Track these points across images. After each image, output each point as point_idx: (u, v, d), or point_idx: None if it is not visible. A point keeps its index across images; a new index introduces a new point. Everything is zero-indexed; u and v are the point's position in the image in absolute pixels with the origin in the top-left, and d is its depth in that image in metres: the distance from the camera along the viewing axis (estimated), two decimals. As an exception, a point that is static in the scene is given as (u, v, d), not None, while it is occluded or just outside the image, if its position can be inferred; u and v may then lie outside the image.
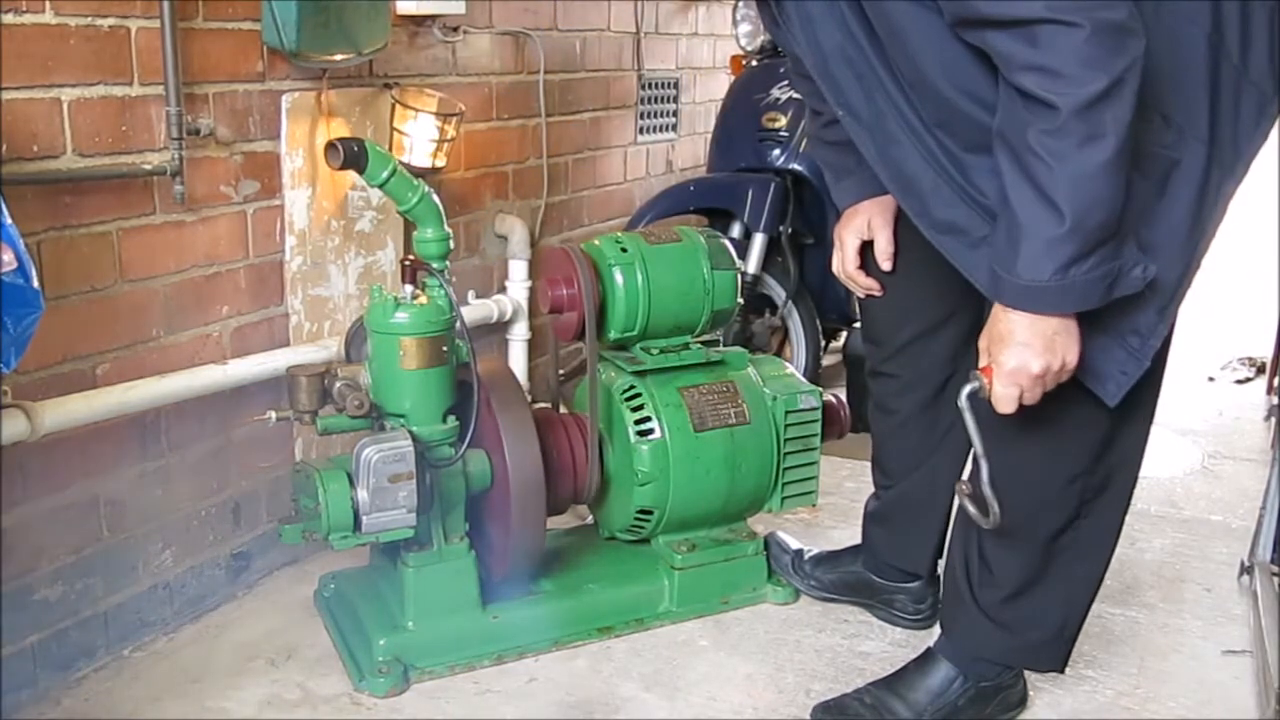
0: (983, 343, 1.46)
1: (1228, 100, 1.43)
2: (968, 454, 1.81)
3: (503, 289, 2.85)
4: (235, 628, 2.08)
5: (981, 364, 1.45)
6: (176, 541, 2.07)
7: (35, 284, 1.39)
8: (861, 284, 1.94)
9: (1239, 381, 3.76)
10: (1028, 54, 1.27)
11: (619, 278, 2.07)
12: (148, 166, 1.88)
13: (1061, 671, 1.79)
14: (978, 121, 1.41)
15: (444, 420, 1.88)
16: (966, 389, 1.45)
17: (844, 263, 1.93)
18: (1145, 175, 1.41)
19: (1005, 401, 1.43)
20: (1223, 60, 1.42)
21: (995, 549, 1.70)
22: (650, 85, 3.51)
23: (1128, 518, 1.73)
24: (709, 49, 3.89)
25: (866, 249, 1.91)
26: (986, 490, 1.50)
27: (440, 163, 2.46)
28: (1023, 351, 1.39)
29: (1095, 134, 1.26)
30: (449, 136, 2.44)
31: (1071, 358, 1.40)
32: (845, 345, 3.34)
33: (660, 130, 3.64)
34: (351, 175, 2.16)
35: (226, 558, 2.18)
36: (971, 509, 1.52)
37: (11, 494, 1.75)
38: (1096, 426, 1.58)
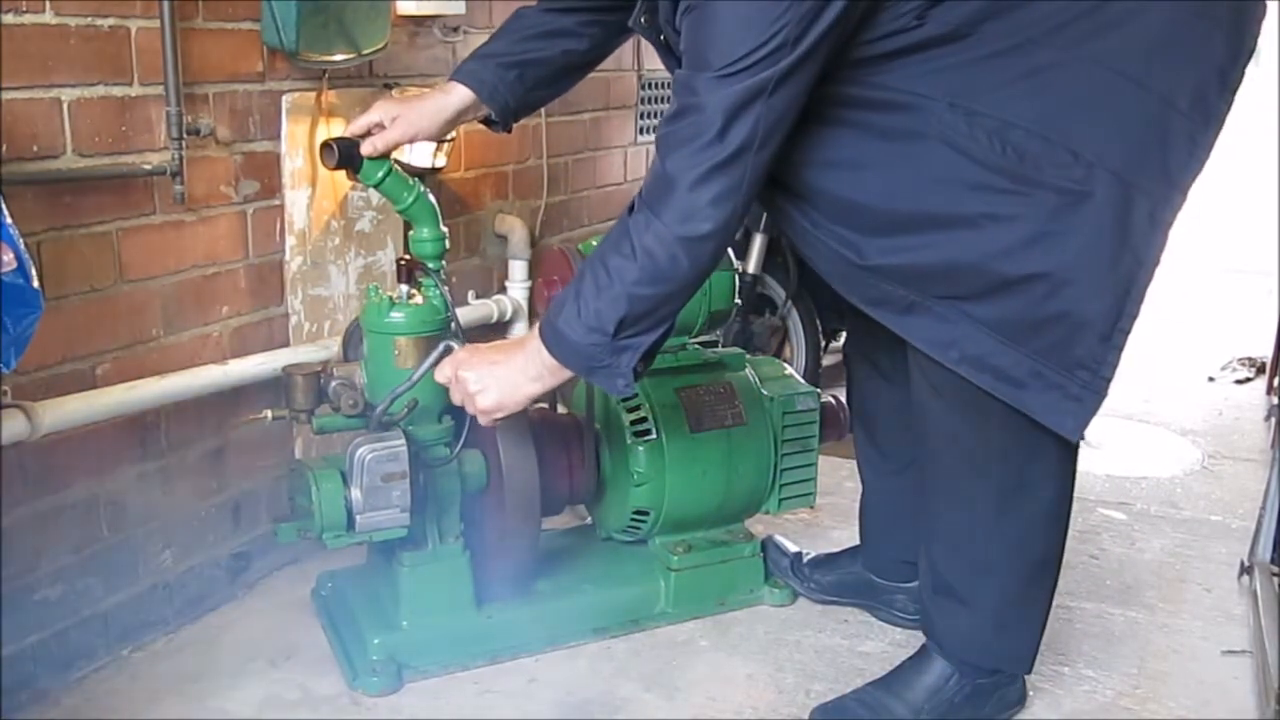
0: None
1: (1152, 132, 1.46)
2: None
3: (503, 289, 2.86)
4: (235, 628, 2.08)
5: None
6: (176, 541, 2.07)
7: (35, 284, 1.39)
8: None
9: (1239, 381, 3.75)
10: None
11: (617, 278, 2.06)
12: (148, 166, 1.88)
13: (1027, 673, 1.82)
14: (839, 196, 1.52)
15: (439, 420, 1.88)
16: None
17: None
18: (1038, 206, 1.45)
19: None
20: (1146, 94, 1.45)
21: (929, 547, 1.77)
22: (650, 85, 3.50)
23: (1128, 517, 1.73)
24: (710, 49, 3.88)
25: None
26: None
27: (440, 163, 2.46)
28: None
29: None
30: (449, 136, 2.44)
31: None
32: (845, 345, 3.33)
33: (660, 131, 3.64)
34: (351, 175, 2.16)
35: (226, 558, 2.18)
36: None
37: (11, 494, 1.76)
38: (1017, 436, 1.62)
